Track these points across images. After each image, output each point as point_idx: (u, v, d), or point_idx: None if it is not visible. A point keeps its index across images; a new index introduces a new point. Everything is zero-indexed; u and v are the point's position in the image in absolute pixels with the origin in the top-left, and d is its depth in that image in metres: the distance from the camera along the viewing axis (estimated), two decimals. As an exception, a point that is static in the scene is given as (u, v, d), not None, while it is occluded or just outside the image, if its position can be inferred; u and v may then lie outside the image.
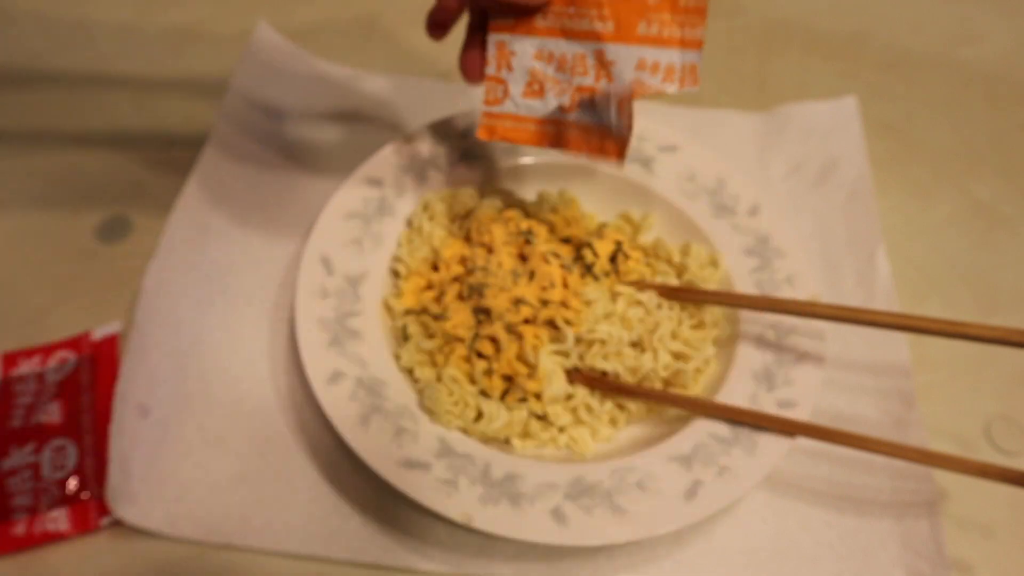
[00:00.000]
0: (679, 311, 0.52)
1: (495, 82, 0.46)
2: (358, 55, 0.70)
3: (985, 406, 0.53)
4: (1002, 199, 0.65)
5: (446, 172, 0.57)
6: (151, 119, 0.65)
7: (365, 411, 0.45)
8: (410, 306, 0.51)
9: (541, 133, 0.45)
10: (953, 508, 0.48)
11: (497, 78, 0.46)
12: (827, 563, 0.46)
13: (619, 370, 0.48)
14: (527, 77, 0.45)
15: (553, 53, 0.44)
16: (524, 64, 0.45)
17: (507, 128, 0.46)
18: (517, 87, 0.45)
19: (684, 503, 0.43)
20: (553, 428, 0.48)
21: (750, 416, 0.46)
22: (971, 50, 0.76)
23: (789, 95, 0.70)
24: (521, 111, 0.45)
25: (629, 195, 0.58)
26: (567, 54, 0.43)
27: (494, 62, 0.45)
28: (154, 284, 0.53)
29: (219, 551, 0.45)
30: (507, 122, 0.46)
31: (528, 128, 0.46)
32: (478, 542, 0.45)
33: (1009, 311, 0.58)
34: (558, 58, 0.43)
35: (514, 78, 0.45)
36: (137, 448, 0.47)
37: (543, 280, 0.50)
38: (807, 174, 0.63)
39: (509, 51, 0.45)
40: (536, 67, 0.44)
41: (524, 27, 0.44)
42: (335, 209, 0.54)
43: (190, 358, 0.51)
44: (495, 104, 0.46)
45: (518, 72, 0.45)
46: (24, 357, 0.51)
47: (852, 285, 0.57)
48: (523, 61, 0.45)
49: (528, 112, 0.45)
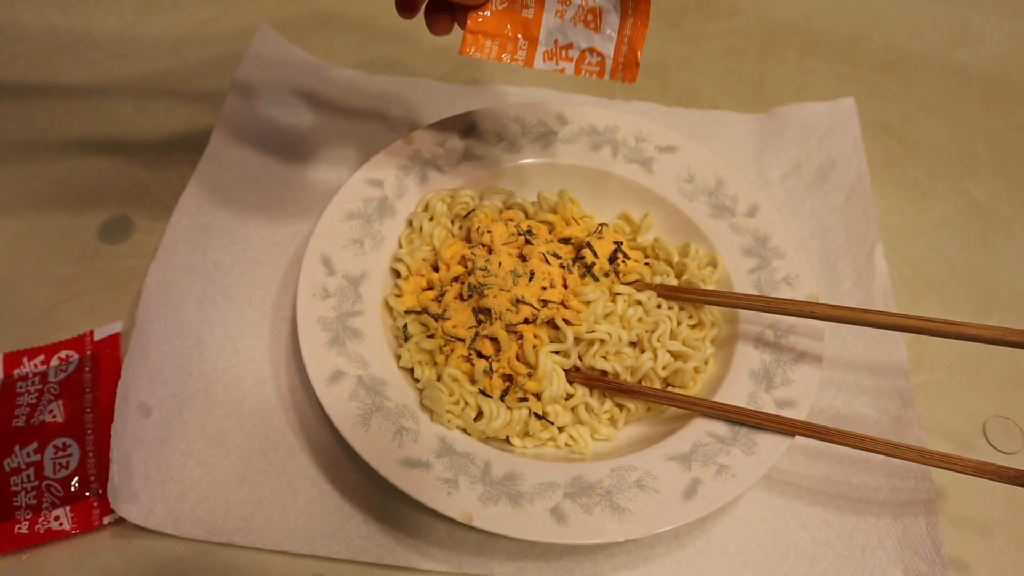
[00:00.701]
0: (678, 311, 0.52)
1: None
2: (358, 55, 0.71)
3: (982, 405, 0.53)
4: (999, 200, 0.65)
5: (446, 172, 0.57)
6: (153, 120, 0.65)
7: (366, 410, 0.46)
8: (410, 306, 0.52)
9: (531, 54, 0.44)
10: (951, 507, 0.49)
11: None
12: (825, 561, 0.46)
13: (618, 370, 0.49)
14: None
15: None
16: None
17: (492, 48, 0.44)
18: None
19: (683, 502, 0.43)
20: (553, 427, 0.48)
21: (749, 415, 0.46)
22: (968, 52, 0.76)
23: (787, 96, 0.70)
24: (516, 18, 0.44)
25: (629, 195, 0.58)
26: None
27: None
28: (156, 284, 0.53)
29: (220, 550, 0.45)
30: (491, 42, 0.44)
31: (516, 49, 0.44)
32: (478, 541, 0.46)
33: (1006, 311, 0.58)
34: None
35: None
36: (139, 447, 0.47)
37: (543, 280, 0.50)
38: (805, 175, 0.64)
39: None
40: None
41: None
42: (336, 209, 0.54)
43: (191, 358, 0.51)
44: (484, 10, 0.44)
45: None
46: (27, 356, 0.51)
47: (850, 285, 0.57)
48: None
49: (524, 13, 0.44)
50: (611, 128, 0.60)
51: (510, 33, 0.44)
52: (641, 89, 0.70)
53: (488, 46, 0.44)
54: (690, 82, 0.71)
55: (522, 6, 0.44)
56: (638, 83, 0.71)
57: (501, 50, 0.44)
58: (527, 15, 0.44)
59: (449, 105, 0.66)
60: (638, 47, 0.43)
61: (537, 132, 0.60)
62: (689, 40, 0.75)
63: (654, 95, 0.70)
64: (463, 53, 0.44)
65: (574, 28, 0.44)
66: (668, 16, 0.77)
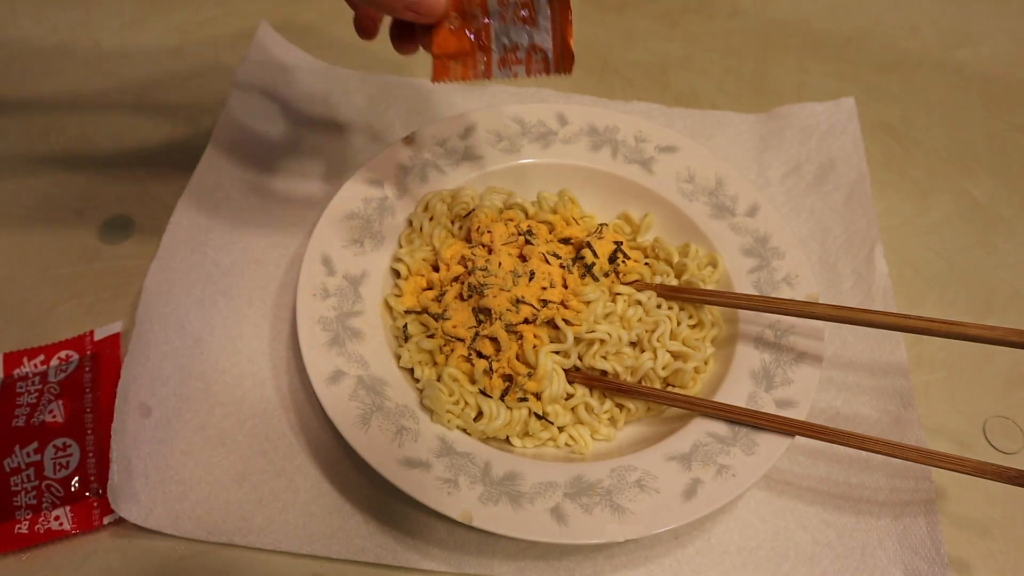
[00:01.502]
0: (678, 311, 0.52)
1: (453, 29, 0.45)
2: (359, 55, 0.70)
3: (982, 405, 0.53)
4: (999, 200, 0.65)
5: (446, 172, 0.57)
6: (153, 120, 0.65)
7: (366, 410, 0.46)
8: (410, 306, 0.52)
9: (488, 65, 0.45)
10: (951, 507, 0.49)
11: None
12: (825, 561, 0.46)
13: (618, 370, 0.49)
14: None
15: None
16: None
17: (457, 69, 0.46)
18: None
19: (683, 502, 0.43)
20: (553, 427, 0.48)
21: (748, 415, 0.46)
22: (968, 52, 0.76)
23: (787, 96, 0.70)
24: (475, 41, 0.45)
25: (629, 195, 0.58)
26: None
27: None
28: (156, 284, 0.53)
29: (220, 550, 0.45)
30: (455, 64, 0.46)
31: (476, 64, 0.45)
32: (478, 541, 0.46)
33: (1006, 311, 0.58)
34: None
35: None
36: (139, 447, 0.47)
37: (543, 280, 0.50)
38: (805, 175, 0.64)
39: None
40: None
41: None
42: (336, 209, 0.54)
43: (192, 358, 0.51)
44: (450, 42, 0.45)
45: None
46: (27, 356, 0.51)
47: (850, 285, 0.57)
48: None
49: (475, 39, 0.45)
50: (611, 128, 0.60)
51: (468, 48, 0.45)
52: (641, 89, 0.70)
53: (453, 68, 0.46)
54: (690, 82, 0.71)
55: (472, 18, 0.45)
56: (638, 83, 0.71)
57: (465, 69, 0.46)
58: (476, 26, 0.45)
59: (449, 105, 0.66)
60: (567, 35, 0.43)
61: (537, 132, 0.60)
62: (689, 40, 0.75)
63: (654, 95, 0.70)
64: (435, 81, 0.46)
65: (515, 28, 0.44)
66: (668, 16, 0.77)
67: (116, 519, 0.45)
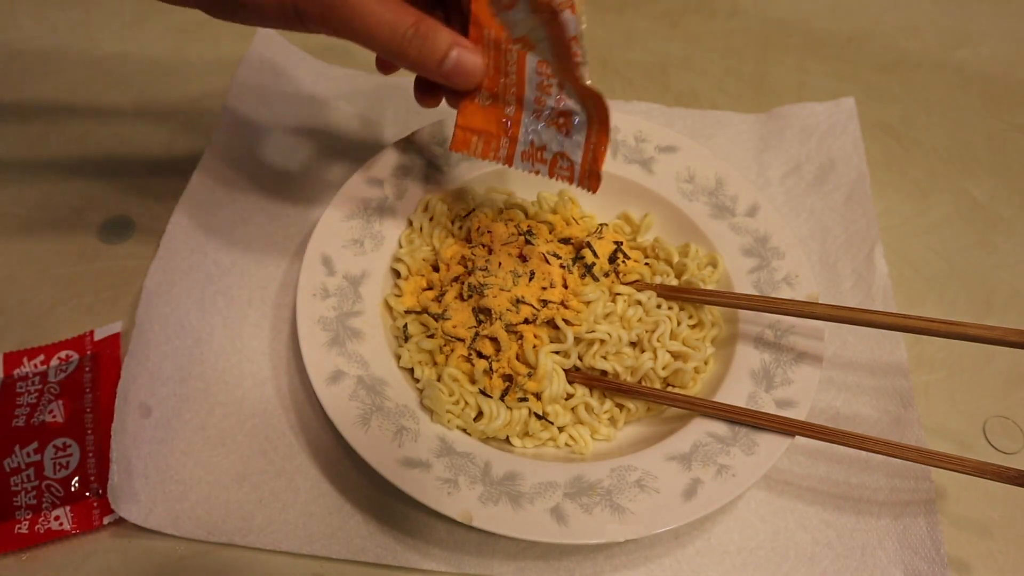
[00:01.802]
0: (678, 311, 0.52)
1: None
2: (359, 56, 0.70)
3: (982, 405, 0.53)
4: (999, 200, 0.65)
5: (446, 172, 0.57)
6: (153, 120, 0.65)
7: (366, 410, 0.46)
8: (410, 306, 0.52)
9: (511, 153, 0.46)
10: (951, 507, 0.49)
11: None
12: (825, 561, 0.46)
13: (618, 370, 0.49)
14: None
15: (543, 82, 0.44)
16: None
17: (479, 146, 0.47)
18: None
19: (683, 502, 0.43)
20: (553, 427, 0.48)
21: (749, 415, 0.46)
22: (968, 52, 0.76)
23: (787, 96, 0.70)
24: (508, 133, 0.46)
25: (629, 195, 0.58)
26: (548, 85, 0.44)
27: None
28: (156, 284, 0.53)
29: (220, 550, 0.45)
30: (477, 140, 0.47)
31: (498, 148, 0.46)
32: (478, 541, 0.46)
33: (1005, 311, 0.58)
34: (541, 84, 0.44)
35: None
36: (139, 447, 0.47)
37: (543, 280, 0.50)
38: (805, 175, 0.64)
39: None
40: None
41: None
42: (336, 209, 0.54)
43: (192, 358, 0.51)
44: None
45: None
46: (27, 356, 0.51)
47: (850, 285, 0.57)
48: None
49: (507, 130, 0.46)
50: (611, 128, 0.60)
51: (494, 131, 0.46)
52: (641, 89, 0.70)
53: (474, 143, 0.46)
54: (690, 82, 0.71)
55: (504, 103, 0.45)
56: (638, 83, 0.71)
57: (486, 148, 0.46)
58: (509, 112, 0.45)
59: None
60: (600, 159, 0.44)
61: (537, 132, 0.60)
62: (689, 40, 0.75)
63: (654, 95, 0.70)
64: (453, 150, 0.47)
65: (548, 130, 0.45)
66: (668, 16, 0.77)
67: (116, 519, 0.45)
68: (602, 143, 0.44)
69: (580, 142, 0.44)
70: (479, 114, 0.46)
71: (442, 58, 0.42)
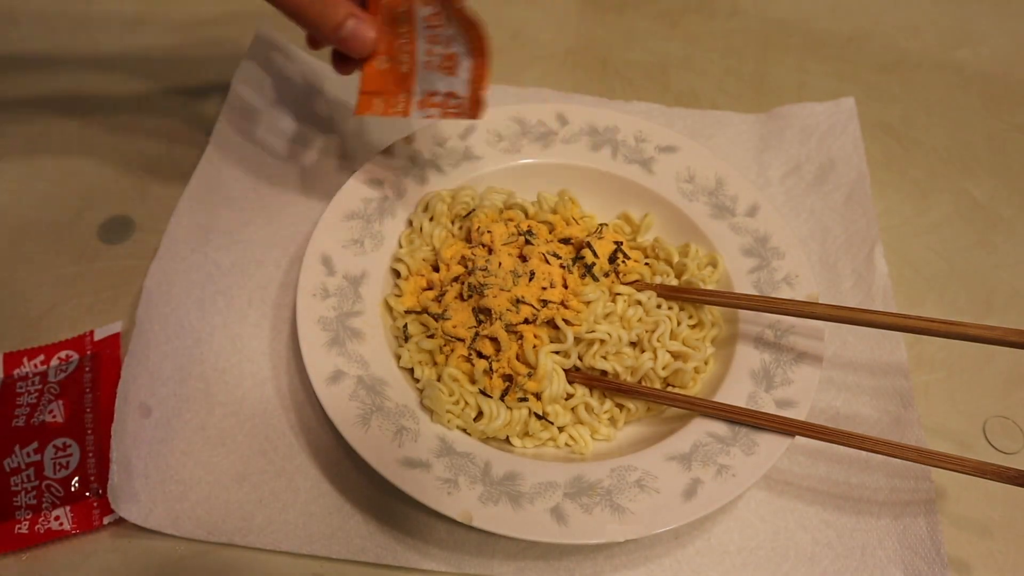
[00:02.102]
0: (678, 311, 0.52)
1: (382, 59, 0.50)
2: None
3: (982, 405, 0.53)
4: (999, 200, 0.65)
5: (446, 172, 0.57)
6: (153, 120, 0.65)
7: (366, 410, 0.46)
8: (410, 306, 0.52)
9: (408, 105, 0.49)
10: (950, 507, 0.49)
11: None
12: (825, 561, 0.46)
13: (618, 370, 0.49)
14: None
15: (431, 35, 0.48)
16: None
17: (379, 105, 0.50)
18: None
19: (683, 502, 0.43)
20: (553, 427, 0.48)
21: (748, 415, 0.46)
22: (968, 52, 0.76)
23: (787, 96, 0.70)
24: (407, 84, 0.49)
25: (629, 195, 0.58)
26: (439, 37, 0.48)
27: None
28: (155, 284, 0.53)
29: (220, 550, 0.45)
30: (378, 100, 0.50)
31: (396, 103, 0.49)
32: (478, 541, 0.46)
33: (1005, 311, 0.58)
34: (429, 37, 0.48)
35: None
36: (139, 447, 0.47)
37: (543, 280, 0.50)
38: (805, 175, 0.64)
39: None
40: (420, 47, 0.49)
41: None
42: (336, 209, 0.54)
43: (192, 358, 0.51)
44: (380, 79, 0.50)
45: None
46: (27, 356, 0.51)
47: (850, 285, 0.57)
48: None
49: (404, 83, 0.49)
50: (611, 128, 0.60)
51: (393, 89, 0.50)
52: (641, 89, 0.70)
53: (376, 104, 0.50)
54: (690, 82, 0.71)
55: (399, 63, 0.49)
56: (638, 83, 0.71)
57: (387, 106, 0.50)
58: (404, 70, 0.49)
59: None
60: (480, 86, 0.47)
61: (537, 132, 0.60)
62: (689, 40, 0.75)
63: (654, 95, 0.70)
64: (357, 113, 0.51)
65: (437, 76, 0.48)
66: (668, 16, 0.77)
67: (116, 519, 0.45)
68: (480, 69, 0.47)
69: (465, 78, 0.48)
70: (378, 77, 0.49)
71: (338, 25, 0.47)
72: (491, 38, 0.46)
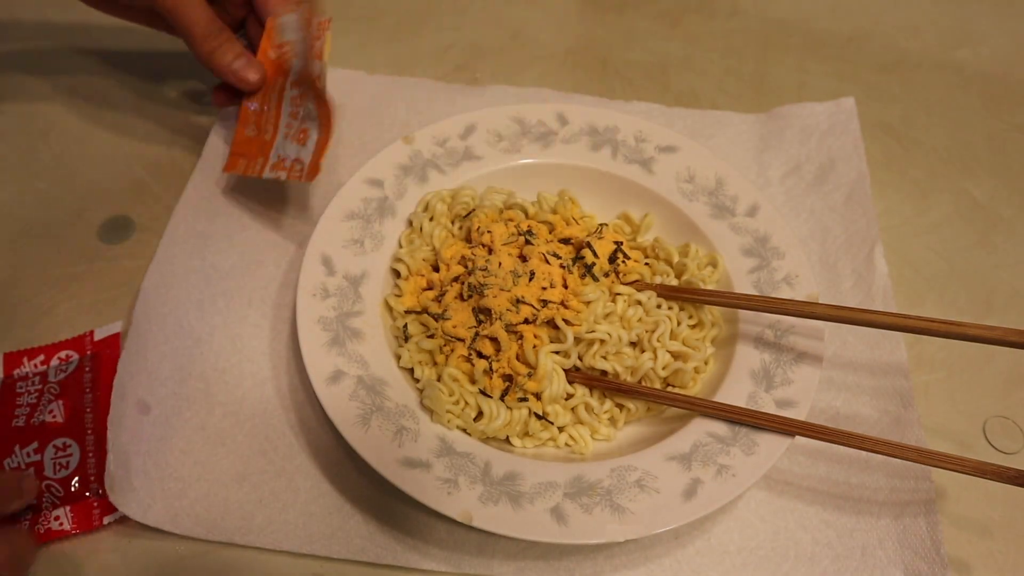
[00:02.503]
0: (678, 311, 0.52)
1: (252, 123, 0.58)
2: (358, 56, 0.71)
3: (982, 405, 0.53)
4: (999, 200, 0.65)
5: (446, 172, 0.57)
6: (153, 120, 0.65)
7: (366, 410, 0.46)
8: (411, 306, 0.52)
9: (263, 167, 0.56)
10: (951, 507, 0.49)
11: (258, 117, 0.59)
12: (825, 562, 0.46)
13: (618, 370, 0.49)
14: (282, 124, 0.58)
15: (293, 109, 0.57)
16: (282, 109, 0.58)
17: (242, 165, 0.57)
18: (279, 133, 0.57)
19: (683, 502, 0.43)
20: (553, 427, 0.48)
21: (748, 415, 0.46)
22: (968, 52, 0.76)
23: (787, 96, 0.70)
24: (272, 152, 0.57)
25: (629, 195, 0.58)
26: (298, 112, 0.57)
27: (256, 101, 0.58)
28: (153, 286, 0.53)
29: (220, 550, 0.45)
30: (242, 160, 0.57)
31: (255, 165, 0.56)
32: (478, 541, 0.46)
33: (1005, 311, 0.58)
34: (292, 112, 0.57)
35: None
36: (138, 444, 0.47)
37: (543, 280, 0.50)
38: (805, 175, 0.64)
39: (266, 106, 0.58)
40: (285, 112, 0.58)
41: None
42: (336, 209, 0.54)
43: (191, 358, 0.51)
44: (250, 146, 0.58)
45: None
46: (27, 357, 0.51)
47: (850, 285, 0.57)
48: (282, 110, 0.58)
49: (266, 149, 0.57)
50: (611, 128, 0.60)
51: (255, 153, 0.57)
52: (641, 89, 0.70)
53: (240, 164, 0.57)
54: (690, 82, 0.71)
55: (264, 132, 0.57)
56: (638, 83, 0.71)
57: (247, 168, 0.56)
58: (266, 138, 0.57)
59: (449, 105, 0.66)
60: (320, 155, 0.54)
61: (537, 132, 0.60)
62: (689, 40, 0.75)
63: (654, 95, 0.70)
64: (225, 171, 0.57)
65: (291, 144, 0.56)
66: (668, 16, 0.77)
67: (116, 519, 0.45)
68: (324, 141, 0.54)
69: (311, 148, 0.55)
70: (245, 143, 0.57)
71: (232, 60, 0.56)
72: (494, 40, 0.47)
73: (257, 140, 0.57)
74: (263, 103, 0.58)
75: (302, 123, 0.56)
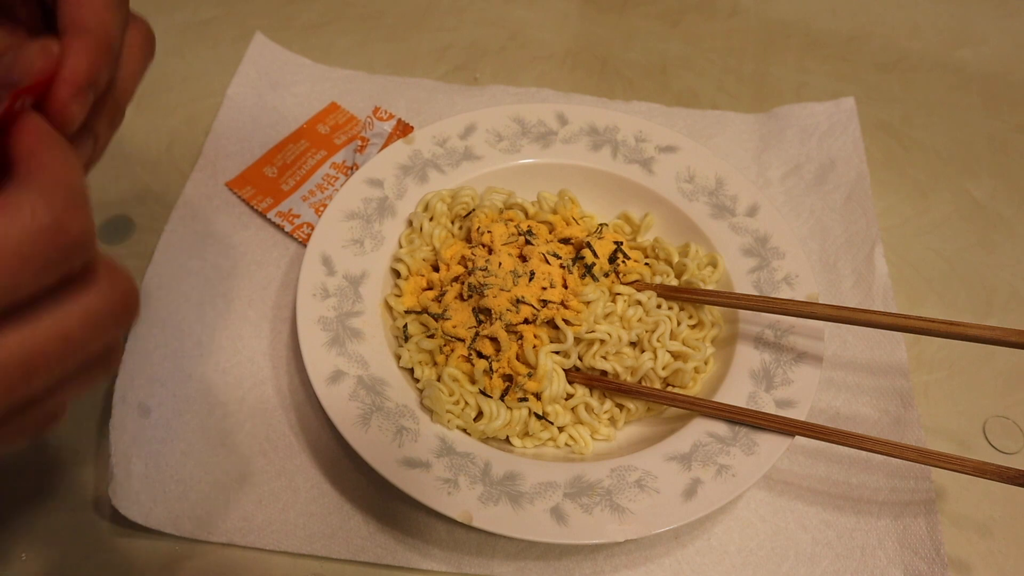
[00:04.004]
0: (678, 311, 0.52)
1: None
2: (358, 55, 0.71)
3: (982, 405, 0.53)
4: (999, 200, 0.65)
5: (446, 172, 0.57)
6: (153, 120, 0.65)
7: (366, 410, 0.46)
8: (410, 306, 0.52)
9: (272, 208, 0.58)
10: (950, 507, 0.49)
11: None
12: (825, 562, 0.46)
13: (618, 370, 0.49)
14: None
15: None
16: None
17: (248, 192, 0.59)
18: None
19: (683, 502, 0.43)
20: (553, 427, 0.48)
21: (749, 415, 0.46)
22: (969, 52, 0.76)
23: (787, 96, 0.70)
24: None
25: (629, 195, 0.58)
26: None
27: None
28: (155, 285, 0.53)
29: (220, 550, 0.45)
30: (249, 188, 0.59)
31: (265, 201, 0.59)
32: (478, 541, 0.46)
33: (1005, 311, 0.58)
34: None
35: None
36: (139, 447, 0.47)
37: (543, 280, 0.50)
38: (805, 175, 0.64)
39: None
40: None
41: None
42: (336, 209, 0.54)
43: (191, 359, 0.51)
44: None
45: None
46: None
47: (850, 285, 0.57)
48: None
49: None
50: (611, 128, 0.60)
51: (266, 191, 0.59)
52: (641, 89, 0.70)
53: (248, 190, 0.59)
54: (690, 82, 0.71)
55: (283, 181, 0.60)
56: (638, 83, 0.71)
57: (253, 196, 0.59)
58: (284, 188, 0.59)
59: (449, 105, 0.66)
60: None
61: (537, 132, 0.60)
62: (689, 40, 0.75)
63: (654, 95, 0.70)
64: (229, 186, 0.59)
65: (306, 206, 0.58)
66: (668, 16, 0.77)
67: (117, 518, 0.45)
68: None
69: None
70: (260, 177, 0.60)
71: None
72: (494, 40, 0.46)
73: (275, 182, 0.60)
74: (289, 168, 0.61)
75: (323, 200, 0.59)
